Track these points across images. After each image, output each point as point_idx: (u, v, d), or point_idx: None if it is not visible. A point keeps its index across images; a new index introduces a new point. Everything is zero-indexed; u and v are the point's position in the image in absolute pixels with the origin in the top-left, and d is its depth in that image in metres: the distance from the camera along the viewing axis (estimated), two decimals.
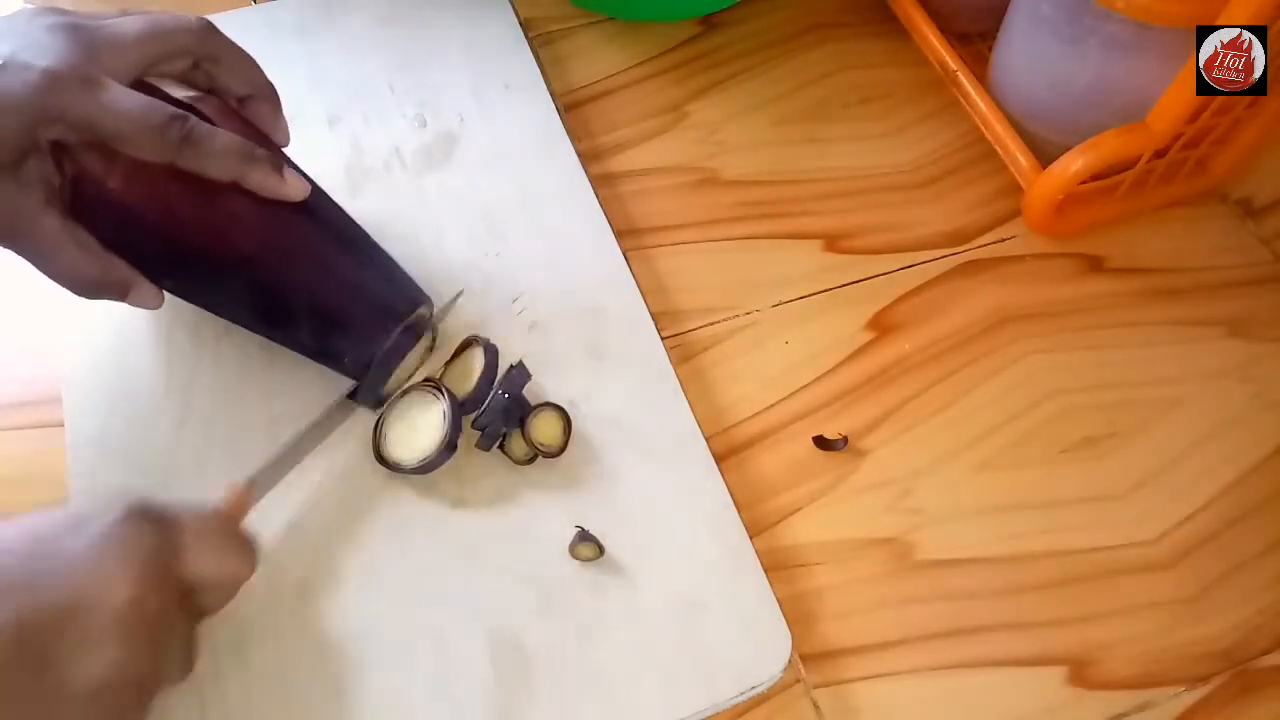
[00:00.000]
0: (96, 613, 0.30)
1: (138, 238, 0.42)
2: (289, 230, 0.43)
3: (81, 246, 0.41)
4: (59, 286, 0.42)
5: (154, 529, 0.33)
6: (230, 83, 0.44)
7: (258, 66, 0.45)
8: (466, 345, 0.48)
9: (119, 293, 0.43)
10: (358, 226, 0.47)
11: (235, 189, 0.41)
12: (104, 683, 0.30)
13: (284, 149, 0.46)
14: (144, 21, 0.40)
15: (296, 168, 0.46)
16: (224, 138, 0.40)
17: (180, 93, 0.43)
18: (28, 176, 0.38)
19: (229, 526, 0.37)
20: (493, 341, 0.47)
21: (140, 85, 0.41)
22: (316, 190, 0.45)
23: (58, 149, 0.39)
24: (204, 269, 0.44)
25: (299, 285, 0.44)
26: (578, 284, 0.52)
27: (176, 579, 0.33)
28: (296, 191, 0.42)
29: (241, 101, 0.45)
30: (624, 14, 0.66)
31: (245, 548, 0.37)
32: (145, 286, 0.43)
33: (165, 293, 0.44)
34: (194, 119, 0.39)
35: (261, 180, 0.41)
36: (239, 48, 0.44)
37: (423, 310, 0.46)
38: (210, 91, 0.44)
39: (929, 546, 0.47)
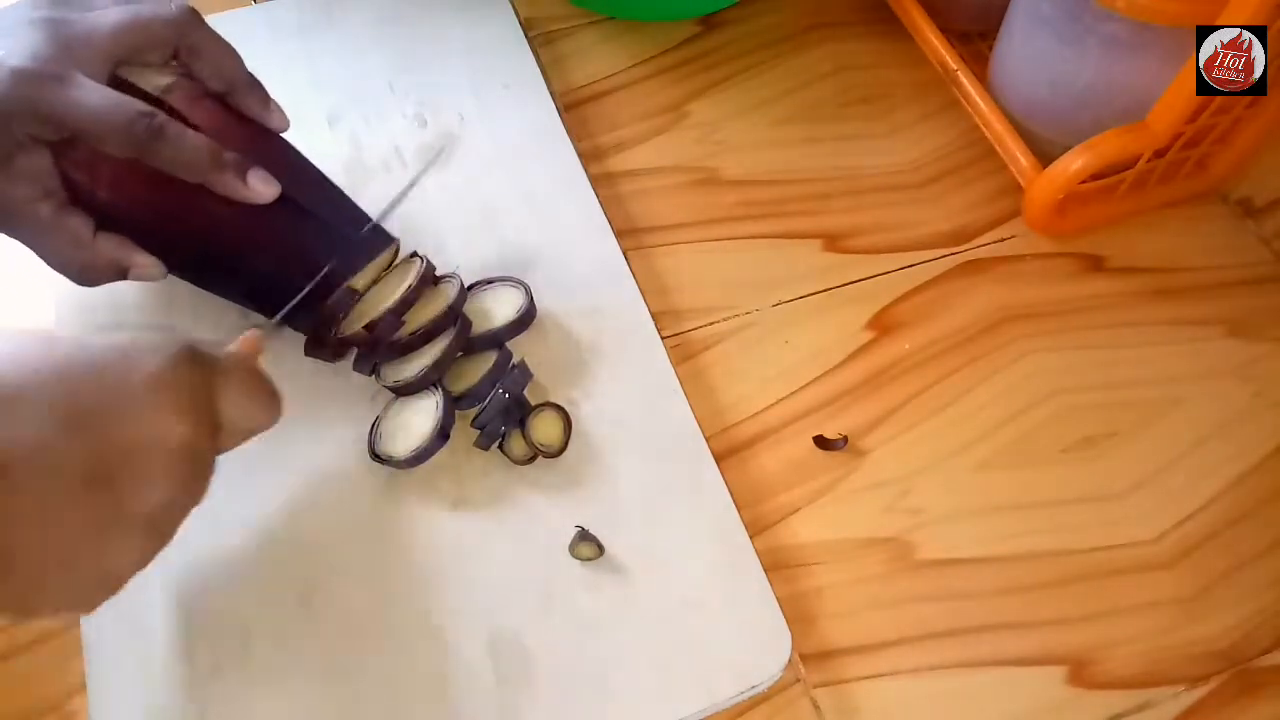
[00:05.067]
0: (157, 451, 0.32)
1: (127, 231, 0.43)
2: (270, 226, 0.43)
3: (73, 237, 0.41)
4: (61, 276, 0.42)
5: (202, 372, 0.34)
6: (207, 76, 0.44)
7: (237, 59, 0.44)
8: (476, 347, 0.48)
9: (116, 276, 0.43)
10: (324, 187, 0.46)
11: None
12: (155, 513, 0.32)
13: (283, 133, 0.46)
14: (121, 13, 0.41)
15: (291, 148, 0.46)
16: (191, 140, 0.40)
17: (158, 79, 0.43)
18: (19, 171, 0.39)
19: (261, 376, 0.38)
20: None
21: (115, 80, 0.41)
22: (290, 165, 0.45)
23: (51, 144, 0.39)
24: (192, 262, 0.45)
25: (285, 278, 0.44)
26: (578, 284, 0.52)
27: (216, 420, 0.35)
28: (262, 195, 0.42)
29: (224, 96, 0.44)
30: (624, 14, 0.66)
31: (273, 397, 0.38)
32: (142, 263, 0.43)
33: (160, 302, 0.44)
34: (163, 116, 0.39)
35: (226, 185, 0.41)
36: (219, 40, 0.44)
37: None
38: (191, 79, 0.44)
39: (929, 546, 0.47)
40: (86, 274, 0.43)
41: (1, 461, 0.29)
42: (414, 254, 0.48)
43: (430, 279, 0.48)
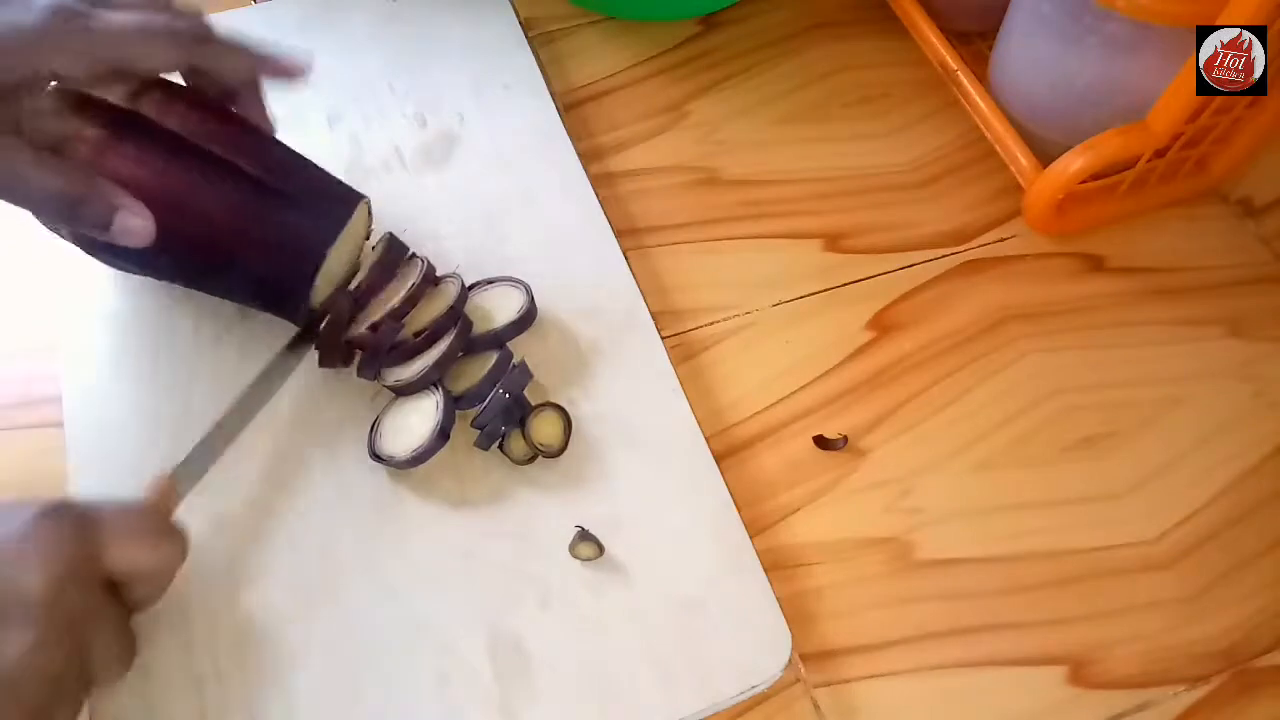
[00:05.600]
0: (10, 603, 0.31)
1: None
2: (260, 219, 0.43)
3: (60, 165, 0.39)
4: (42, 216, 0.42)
5: (71, 525, 0.33)
6: (216, 87, 0.44)
7: (250, 60, 0.44)
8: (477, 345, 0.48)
9: (104, 214, 0.40)
10: (307, 173, 0.47)
11: (202, 182, 0.42)
12: (18, 669, 0.30)
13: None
14: (132, 17, 0.40)
15: (273, 139, 0.46)
16: (239, 49, 0.42)
17: (117, 91, 0.43)
18: (6, 116, 0.38)
19: (152, 518, 0.37)
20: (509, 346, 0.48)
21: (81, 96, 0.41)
22: (276, 157, 0.45)
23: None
24: (185, 263, 0.45)
25: (277, 272, 0.44)
26: (578, 284, 0.51)
27: (100, 573, 0.34)
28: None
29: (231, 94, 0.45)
30: (624, 13, 0.66)
31: (170, 537, 0.37)
32: (131, 213, 0.40)
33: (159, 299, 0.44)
34: (203, 25, 0.41)
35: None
36: (230, 46, 0.43)
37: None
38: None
39: (929, 546, 0.47)
40: (75, 206, 0.40)
41: None
42: (412, 255, 0.48)
43: (431, 279, 0.48)
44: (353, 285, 0.46)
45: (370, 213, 0.49)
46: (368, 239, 0.50)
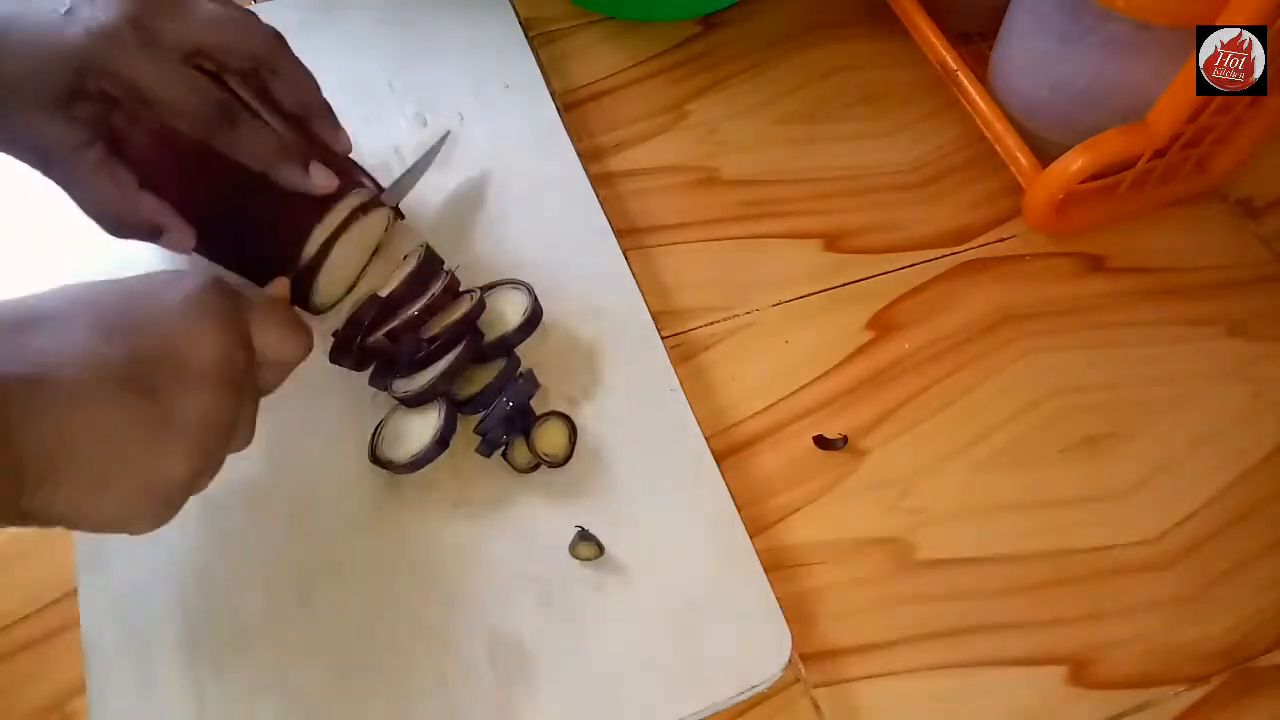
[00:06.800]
0: (193, 360, 0.33)
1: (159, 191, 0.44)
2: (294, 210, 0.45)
3: (116, 182, 0.42)
4: (93, 221, 0.43)
5: (232, 299, 0.35)
6: (284, 98, 0.45)
7: (315, 86, 0.46)
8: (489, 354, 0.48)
9: (149, 232, 0.44)
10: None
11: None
12: (199, 419, 0.33)
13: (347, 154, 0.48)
14: (218, 9, 0.41)
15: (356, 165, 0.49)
16: (263, 131, 0.43)
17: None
18: (76, 115, 0.39)
19: (285, 309, 0.40)
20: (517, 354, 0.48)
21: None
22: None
23: (108, 98, 0.40)
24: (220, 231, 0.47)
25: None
26: (578, 284, 0.51)
27: (251, 344, 0.36)
28: (323, 187, 0.45)
29: (297, 118, 0.46)
30: (624, 13, 0.66)
31: (301, 328, 0.39)
32: (177, 231, 0.44)
33: None
34: (238, 106, 0.42)
35: (289, 175, 0.44)
36: (302, 67, 0.45)
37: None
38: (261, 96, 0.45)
39: (929, 546, 0.47)
40: (121, 225, 0.43)
41: (42, 374, 0.29)
42: (444, 266, 0.48)
43: (453, 291, 0.48)
44: (384, 293, 0.46)
45: (393, 219, 0.50)
46: (379, 247, 0.51)
